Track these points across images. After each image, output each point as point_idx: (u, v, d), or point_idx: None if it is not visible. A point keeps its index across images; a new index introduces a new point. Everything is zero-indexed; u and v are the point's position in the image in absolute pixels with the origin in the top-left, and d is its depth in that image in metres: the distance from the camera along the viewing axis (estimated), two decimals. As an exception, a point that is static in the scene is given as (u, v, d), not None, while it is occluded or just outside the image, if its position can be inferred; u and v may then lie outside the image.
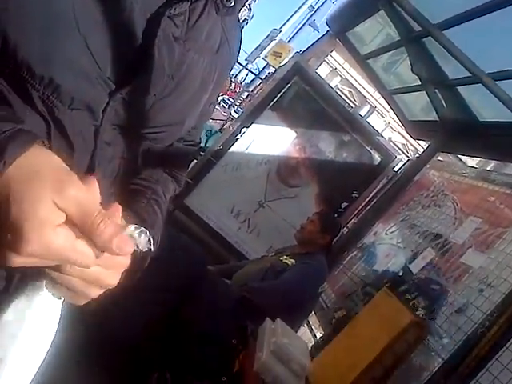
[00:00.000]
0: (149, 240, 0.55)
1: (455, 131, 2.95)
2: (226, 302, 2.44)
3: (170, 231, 2.59)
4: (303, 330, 3.33)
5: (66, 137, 0.65)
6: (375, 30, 3.67)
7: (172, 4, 0.67)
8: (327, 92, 3.99)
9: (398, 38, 2.96)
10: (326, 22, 3.91)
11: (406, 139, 9.52)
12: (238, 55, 0.92)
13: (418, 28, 2.68)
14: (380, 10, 2.90)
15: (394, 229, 3.12)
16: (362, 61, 3.63)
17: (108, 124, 0.69)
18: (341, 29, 3.57)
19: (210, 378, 2.12)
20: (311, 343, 3.26)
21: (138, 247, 0.54)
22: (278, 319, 2.12)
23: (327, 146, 4.00)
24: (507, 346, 1.68)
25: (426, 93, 3.07)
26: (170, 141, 0.84)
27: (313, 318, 3.38)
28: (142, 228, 0.54)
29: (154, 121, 0.75)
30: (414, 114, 3.61)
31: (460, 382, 1.74)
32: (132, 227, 0.54)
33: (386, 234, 3.15)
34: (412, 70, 2.92)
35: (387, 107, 3.91)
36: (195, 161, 3.88)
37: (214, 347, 2.11)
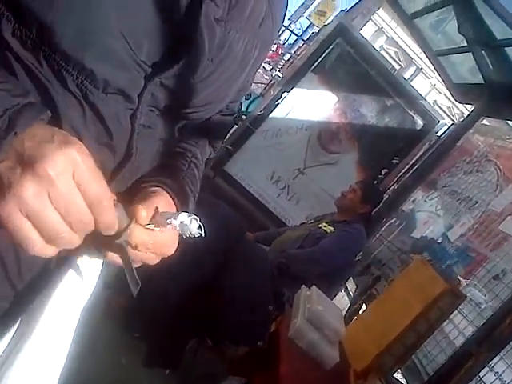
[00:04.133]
0: (199, 226, 0.58)
1: (501, 94, 2.83)
2: (264, 268, 2.47)
3: (209, 198, 2.65)
4: (341, 296, 3.37)
5: (102, 121, 0.65)
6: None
7: None
8: (371, 54, 3.86)
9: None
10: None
11: (451, 102, 9.18)
12: (282, 24, 0.89)
13: (465, -14, 2.56)
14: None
15: (433, 196, 3.07)
16: (408, 20, 3.49)
17: (145, 107, 0.68)
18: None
19: (247, 342, 2.19)
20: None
21: (190, 234, 0.58)
22: (314, 286, 2.16)
23: (369, 111, 3.90)
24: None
25: (473, 54, 2.95)
26: (207, 117, 0.84)
27: (350, 284, 3.41)
28: (193, 215, 0.58)
29: (193, 102, 0.75)
30: (459, 77, 3.48)
31: (493, 347, 1.75)
32: (184, 215, 0.58)
33: (425, 201, 3.10)
34: (459, 30, 2.81)
35: (434, 68, 3.76)
36: (235, 127, 3.89)
37: (250, 313, 2.16)
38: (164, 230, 0.60)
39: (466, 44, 2.92)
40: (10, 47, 0.58)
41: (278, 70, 10.85)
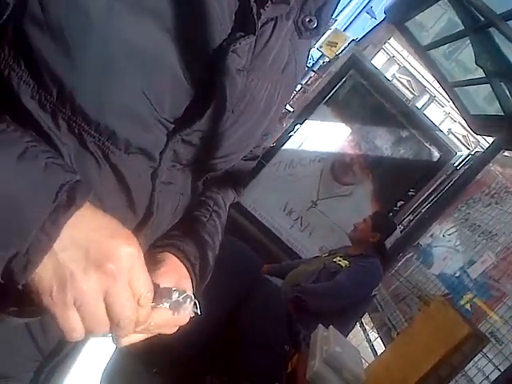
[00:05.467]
0: (194, 304, 0.60)
1: (522, 127, 2.78)
2: (279, 307, 2.44)
3: (226, 237, 2.63)
4: (356, 331, 3.29)
5: (123, 181, 0.64)
6: (436, 15, 3.51)
7: (237, 39, 0.62)
8: (385, 86, 3.86)
9: (461, 27, 2.82)
10: (384, 12, 3.77)
11: (466, 130, 9.13)
12: (305, 67, 0.86)
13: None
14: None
15: (452, 230, 3.00)
16: (422, 52, 3.48)
17: (166, 164, 0.67)
18: (400, 18, 3.43)
19: (263, 382, 2.14)
20: (365, 343, 3.23)
21: (185, 311, 0.59)
22: (331, 326, 2.09)
23: (384, 143, 3.87)
24: None
25: (491, 85, 2.91)
26: (230, 166, 0.81)
27: (366, 319, 3.34)
28: (187, 293, 0.59)
29: (214, 154, 0.72)
30: (476, 107, 3.44)
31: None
32: (177, 294, 0.58)
33: (443, 235, 3.03)
34: (476, 62, 2.77)
35: (447, 97, 3.73)
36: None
37: (266, 352, 2.13)
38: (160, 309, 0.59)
39: (483, 75, 2.89)
40: (27, 111, 0.56)
41: (289, 102, 10.90)
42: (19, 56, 0.55)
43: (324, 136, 3.89)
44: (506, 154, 3.17)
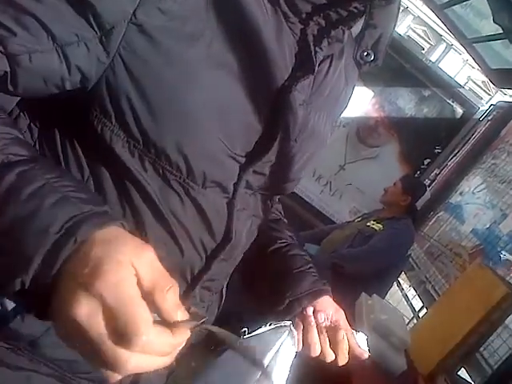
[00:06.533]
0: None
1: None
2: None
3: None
4: (394, 290, 3.42)
5: (202, 212, 0.71)
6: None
7: (298, 78, 0.69)
8: (402, 45, 3.86)
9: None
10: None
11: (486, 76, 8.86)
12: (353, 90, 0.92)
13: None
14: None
15: (481, 187, 3.07)
16: (440, 10, 3.47)
17: (240, 194, 0.74)
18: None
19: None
20: (403, 302, 3.37)
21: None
22: (374, 295, 2.21)
23: (406, 103, 3.89)
24: None
25: (510, 41, 2.92)
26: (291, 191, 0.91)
27: (403, 277, 3.45)
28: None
29: (284, 180, 0.81)
30: (495, 60, 3.43)
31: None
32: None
33: (473, 193, 3.11)
34: (494, 19, 2.78)
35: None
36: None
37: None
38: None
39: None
40: (118, 157, 0.65)
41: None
42: (110, 113, 0.63)
43: (347, 101, 3.91)
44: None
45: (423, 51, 4.71)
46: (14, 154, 0.54)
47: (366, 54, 0.75)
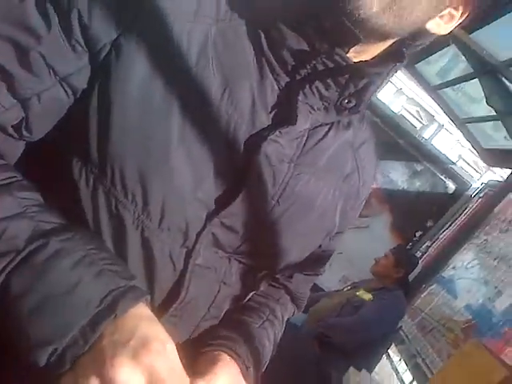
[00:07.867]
0: None
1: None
2: (304, 348, 2.43)
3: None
4: (384, 363, 3.31)
5: (149, 254, 0.63)
6: (445, 58, 3.64)
7: (276, 127, 0.64)
8: (396, 122, 4.00)
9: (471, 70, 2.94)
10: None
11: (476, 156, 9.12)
12: (371, 186, 0.86)
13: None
14: (450, 44, 2.90)
15: (475, 263, 3.06)
16: (433, 91, 3.62)
17: (203, 247, 0.65)
18: (409, 61, 3.58)
19: None
20: (393, 376, 3.25)
21: None
22: (363, 370, 2.13)
23: (399, 176, 3.99)
24: None
25: (502, 122, 3.03)
26: (289, 270, 0.79)
27: (393, 350, 3.35)
28: None
29: (264, 249, 0.71)
30: (488, 142, 3.55)
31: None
32: None
33: (466, 267, 3.10)
34: (487, 102, 2.89)
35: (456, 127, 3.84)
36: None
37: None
38: None
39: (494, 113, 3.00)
40: (76, 186, 0.60)
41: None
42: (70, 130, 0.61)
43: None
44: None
45: (416, 128, 4.90)
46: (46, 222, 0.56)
47: (346, 101, 0.68)
